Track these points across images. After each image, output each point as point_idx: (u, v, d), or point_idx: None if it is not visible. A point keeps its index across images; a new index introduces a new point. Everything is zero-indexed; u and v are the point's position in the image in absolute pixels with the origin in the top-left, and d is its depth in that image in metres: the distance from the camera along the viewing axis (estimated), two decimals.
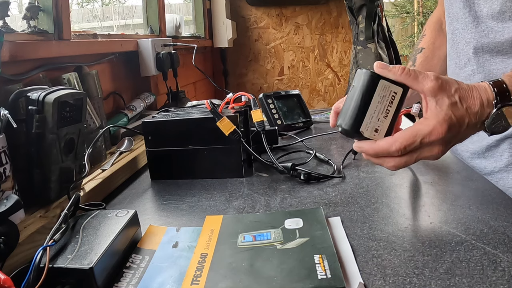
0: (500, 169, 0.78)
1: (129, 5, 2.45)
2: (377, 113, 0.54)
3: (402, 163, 0.54)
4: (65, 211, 0.53)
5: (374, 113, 0.53)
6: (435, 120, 0.51)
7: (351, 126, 0.54)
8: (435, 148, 0.53)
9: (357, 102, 0.53)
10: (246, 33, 2.82)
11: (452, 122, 0.51)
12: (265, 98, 1.16)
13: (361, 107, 0.53)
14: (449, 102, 0.52)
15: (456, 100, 0.52)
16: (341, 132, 0.56)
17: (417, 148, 0.53)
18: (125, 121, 1.17)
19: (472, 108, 0.53)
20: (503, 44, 0.71)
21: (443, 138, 0.52)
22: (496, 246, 0.49)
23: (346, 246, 0.52)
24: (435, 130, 0.51)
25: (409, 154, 0.53)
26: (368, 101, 0.53)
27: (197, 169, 0.82)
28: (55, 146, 0.66)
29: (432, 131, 0.51)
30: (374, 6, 2.05)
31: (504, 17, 0.70)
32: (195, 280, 0.46)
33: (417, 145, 0.52)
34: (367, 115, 0.53)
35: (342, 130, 0.55)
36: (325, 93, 2.92)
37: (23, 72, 0.82)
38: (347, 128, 0.54)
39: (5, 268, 0.47)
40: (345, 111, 0.55)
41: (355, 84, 0.55)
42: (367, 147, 0.55)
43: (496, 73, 0.74)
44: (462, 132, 0.53)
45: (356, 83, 0.55)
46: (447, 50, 0.87)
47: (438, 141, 0.52)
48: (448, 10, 0.83)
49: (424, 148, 0.53)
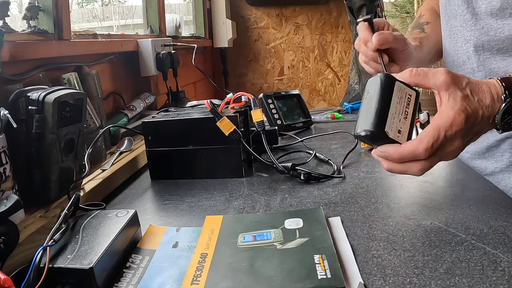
0: (501, 170, 0.77)
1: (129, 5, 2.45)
2: (398, 113, 0.52)
3: (428, 166, 0.52)
4: (65, 211, 0.53)
5: (395, 113, 0.52)
6: (453, 111, 0.51)
7: (376, 126, 0.51)
8: (455, 142, 0.51)
9: (378, 103, 0.52)
10: (246, 33, 2.82)
11: (468, 113, 0.51)
12: (265, 98, 1.16)
13: (383, 107, 0.51)
14: (462, 94, 0.51)
15: (468, 93, 0.52)
16: (364, 137, 0.52)
17: (442, 145, 0.51)
18: (125, 121, 1.17)
19: (484, 100, 0.52)
20: (503, 42, 0.71)
21: (463, 129, 0.51)
22: (496, 246, 0.49)
23: (346, 246, 0.52)
24: (455, 120, 0.50)
25: (434, 153, 0.51)
26: (388, 102, 0.52)
27: (197, 169, 0.82)
28: (55, 146, 0.66)
29: (452, 122, 0.50)
30: (374, 6, 2.05)
31: (504, 14, 0.69)
32: (195, 280, 0.46)
33: (442, 140, 0.50)
34: (389, 115, 0.51)
35: (366, 135, 0.51)
36: (325, 93, 2.92)
37: (23, 72, 0.82)
38: (373, 129, 0.51)
39: (5, 268, 0.47)
40: (365, 115, 0.52)
41: (370, 90, 0.54)
42: (392, 151, 0.52)
43: (497, 72, 0.73)
44: (477, 125, 0.52)
45: (371, 88, 0.54)
46: (443, 48, 0.87)
47: (458, 133, 0.51)
48: (445, 7, 0.82)
49: (446, 143, 0.51)
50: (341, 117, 1.31)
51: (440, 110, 0.52)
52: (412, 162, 0.52)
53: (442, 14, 0.84)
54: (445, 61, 0.87)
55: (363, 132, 0.51)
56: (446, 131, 0.50)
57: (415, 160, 0.52)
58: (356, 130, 0.53)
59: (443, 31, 0.85)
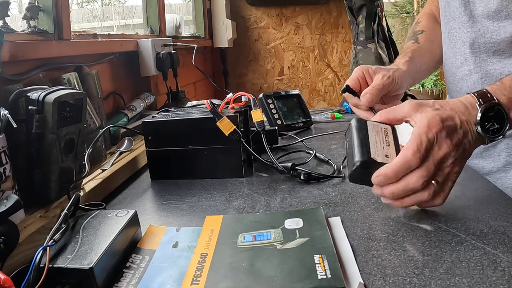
0: (498, 169, 0.78)
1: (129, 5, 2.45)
2: (379, 142, 0.55)
3: (426, 173, 0.51)
4: (65, 211, 0.53)
5: (377, 142, 0.55)
6: (427, 118, 0.53)
7: (363, 155, 0.53)
8: (443, 144, 0.52)
9: (357, 140, 0.55)
10: (246, 33, 2.82)
11: (442, 117, 0.53)
12: (265, 98, 1.16)
13: (363, 141, 0.55)
14: (432, 108, 0.54)
15: (438, 107, 0.54)
16: (356, 171, 0.54)
17: (429, 148, 0.52)
18: (125, 121, 1.17)
19: (456, 108, 0.55)
20: (499, 44, 0.71)
21: (443, 129, 0.52)
22: (496, 246, 0.49)
23: (346, 246, 0.52)
24: (431, 123, 0.52)
25: (426, 159, 0.52)
26: (366, 136, 0.55)
27: (197, 169, 0.82)
28: (55, 146, 0.66)
29: (429, 125, 0.52)
30: (374, 6, 2.05)
31: (500, 16, 0.70)
32: (195, 280, 0.46)
33: (426, 143, 0.51)
34: (371, 145, 0.54)
35: (356, 167, 0.54)
36: (325, 93, 2.92)
37: (23, 72, 0.82)
38: (361, 158, 0.53)
39: (5, 268, 0.47)
40: (351, 155, 0.55)
41: (348, 137, 0.58)
42: (385, 169, 0.52)
43: (493, 73, 0.73)
44: (460, 129, 0.53)
45: (349, 135, 0.58)
46: (443, 50, 0.87)
47: (440, 134, 0.52)
48: (444, 9, 0.82)
49: (434, 146, 0.52)
50: (341, 117, 1.31)
51: (416, 125, 0.54)
52: (409, 175, 0.52)
53: (442, 16, 0.84)
54: (444, 63, 0.87)
55: (354, 166, 0.54)
56: (427, 133, 0.52)
57: (411, 172, 0.52)
58: (348, 172, 0.56)
59: (443, 34, 0.86)
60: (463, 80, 0.79)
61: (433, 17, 0.95)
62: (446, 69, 0.87)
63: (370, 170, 0.54)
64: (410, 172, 0.52)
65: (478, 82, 0.76)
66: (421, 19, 0.96)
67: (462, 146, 0.53)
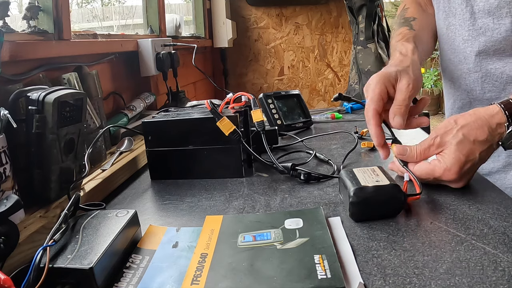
0: (498, 170, 0.78)
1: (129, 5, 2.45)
2: (368, 176, 0.61)
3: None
4: (65, 211, 0.53)
5: (365, 178, 0.60)
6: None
7: (354, 186, 0.58)
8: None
9: (348, 180, 0.60)
10: (246, 33, 2.82)
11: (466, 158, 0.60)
12: (265, 98, 1.16)
13: (353, 180, 0.60)
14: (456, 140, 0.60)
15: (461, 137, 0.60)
16: (352, 206, 0.57)
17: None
18: (125, 121, 1.17)
19: (479, 138, 0.59)
20: (500, 43, 0.71)
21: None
22: (496, 246, 0.49)
23: (346, 246, 0.52)
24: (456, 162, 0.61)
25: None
26: (355, 176, 0.61)
27: (197, 169, 0.82)
28: (55, 146, 0.66)
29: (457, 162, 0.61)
30: (374, 6, 2.05)
31: (501, 13, 0.69)
32: (195, 280, 0.46)
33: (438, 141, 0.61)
34: (360, 179, 0.60)
35: (352, 199, 0.57)
36: (325, 93, 2.92)
37: (23, 72, 0.82)
38: (352, 187, 0.57)
39: (5, 268, 0.47)
40: (346, 195, 0.59)
41: (341, 183, 0.63)
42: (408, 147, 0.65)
43: (494, 73, 0.73)
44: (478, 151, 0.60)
45: (341, 183, 0.64)
46: (440, 45, 0.86)
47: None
48: (444, 3, 0.81)
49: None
50: (341, 117, 1.31)
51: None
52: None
53: (440, 11, 0.83)
54: (442, 59, 0.86)
55: (350, 198, 0.57)
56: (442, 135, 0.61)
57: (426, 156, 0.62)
58: (349, 213, 0.58)
59: (440, 28, 0.84)
60: (461, 78, 0.79)
61: (419, 3, 0.92)
62: (443, 65, 0.86)
63: (366, 199, 0.57)
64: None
65: (478, 81, 0.76)
66: (409, 5, 0.92)
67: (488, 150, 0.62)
